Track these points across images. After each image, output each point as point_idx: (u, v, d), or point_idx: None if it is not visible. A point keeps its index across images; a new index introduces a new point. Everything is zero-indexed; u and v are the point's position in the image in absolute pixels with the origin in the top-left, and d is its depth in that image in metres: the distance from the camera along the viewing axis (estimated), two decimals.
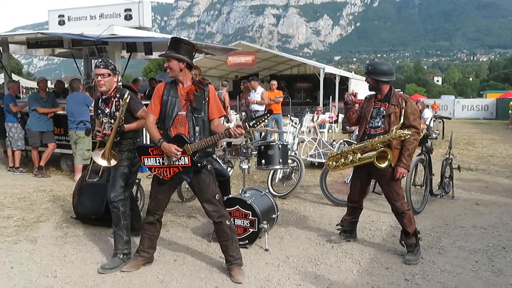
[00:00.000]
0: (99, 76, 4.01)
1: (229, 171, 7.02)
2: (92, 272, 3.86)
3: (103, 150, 4.07)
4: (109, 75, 4.02)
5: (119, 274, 3.82)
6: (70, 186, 6.92)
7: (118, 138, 4.08)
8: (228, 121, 10.78)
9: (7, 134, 8.47)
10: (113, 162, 4.07)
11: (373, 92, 4.42)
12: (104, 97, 4.14)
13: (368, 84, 4.36)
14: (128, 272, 3.84)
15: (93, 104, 7.24)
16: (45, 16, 10.45)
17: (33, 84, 33.13)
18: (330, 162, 4.63)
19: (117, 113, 4.00)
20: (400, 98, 4.24)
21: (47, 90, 8.47)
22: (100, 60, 4.12)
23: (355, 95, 4.47)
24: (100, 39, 7.57)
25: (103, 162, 4.09)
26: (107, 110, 4.09)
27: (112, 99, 4.08)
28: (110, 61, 4.13)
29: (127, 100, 3.96)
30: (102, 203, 4.91)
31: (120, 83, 4.42)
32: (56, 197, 6.53)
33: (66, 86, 10.47)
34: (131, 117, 4.07)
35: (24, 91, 31.36)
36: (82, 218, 5.24)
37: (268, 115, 3.59)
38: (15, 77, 30.41)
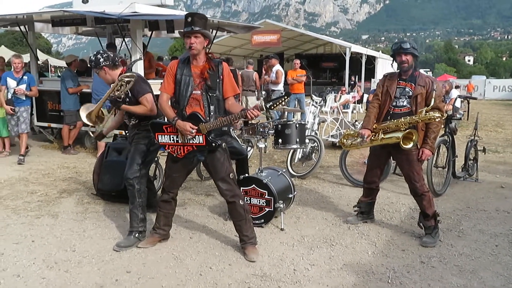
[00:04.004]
0: None
1: (249, 150, 7.00)
2: (109, 247, 3.94)
3: (91, 109, 4.18)
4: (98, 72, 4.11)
5: (135, 250, 3.89)
6: (92, 163, 6.98)
7: (137, 121, 4.10)
8: (257, 99, 10.82)
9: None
10: (96, 127, 4.23)
11: (393, 71, 4.30)
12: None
13: (404, 63, 4.07)
14: (144, 248, 3.91)
15: None
16: None
17: (62, 63, 33.59)
18: (345, 140, 4.59)
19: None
20: (427, 80, 4.14)
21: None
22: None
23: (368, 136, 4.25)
24: (121, 17, 7.57)
25: (86, 120, 4.26)
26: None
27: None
28: (91, 57, 4.10)
29: (117, 80, 3.97)
30: (122, 180, 4.96)
31: (130, 68, 4.39)
32: (78, 174, 6.67)
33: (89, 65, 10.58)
34: (136, 100, 4.03)
35: (53, 69, 31.85)
36: (102, 195, 5.34)
37: (286, 97, 3.53)
38: (44, 56, 31.07)
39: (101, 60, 4.02)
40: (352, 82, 24.93)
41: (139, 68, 7.88)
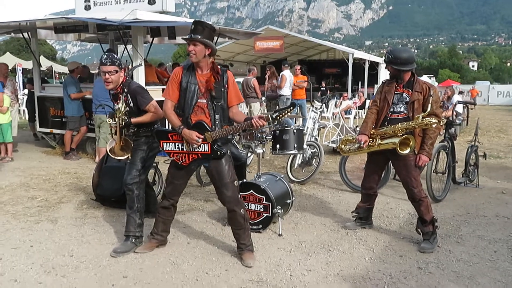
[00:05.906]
0: (106, 74, 3.90)
1: (249, 156, 7.01)
2: (107, 252, 3.95)
3: (112, 145, 4.24)
4: (116, 71, 3.93)
5: (132, 255, 3.89)
6: (93, 169, 7.06)
7: (135, 129, 4.12)
8: (260, 105, 10.89)
9: None
10: (126, 155, 4.19)
11: None
12: (112, 92, 4.11)
13: (388, 72, 4.26)
14: (141, 254, 3.91)
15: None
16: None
17: (67, 69, 33.66)
18: (343, 146, 4.61)
19: (124, 107, 4.03)
20: (424, 86, 4.15)
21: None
22: (106, 56, 3.96)
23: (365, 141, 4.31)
24: (122, 24, 7.61)
25: (115, 156, 4.29)
26: (117, 106, 4.10)
27: (120, 95, 4.06)
28: (115, 56, 4.01)
29: (122, 109, 4.03)
30: (121, 185, 4.97)
31: (128, 76, 4.35)
32: (79, 179, 6.70)
33: (91, 71, 10.65)
34: (140, 110, 4.04)
35: (58, 76, 32.04)
36: (101, 200, 5.35)
37: (291, 108, 3.52)
38: (49, 62, 31.27)
39: (121, 63, 4.01)
40: (323, 88, 24.78)
41: (140, 73, 7.91)
